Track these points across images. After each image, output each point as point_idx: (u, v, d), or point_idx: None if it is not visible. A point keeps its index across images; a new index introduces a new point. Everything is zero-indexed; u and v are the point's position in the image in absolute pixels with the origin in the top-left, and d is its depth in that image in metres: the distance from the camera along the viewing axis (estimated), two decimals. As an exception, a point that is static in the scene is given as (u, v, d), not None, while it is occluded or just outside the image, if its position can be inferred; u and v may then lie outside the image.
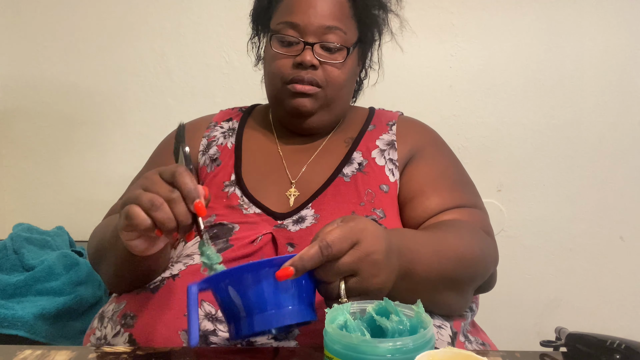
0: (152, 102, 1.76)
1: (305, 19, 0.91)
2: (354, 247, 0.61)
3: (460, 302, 0.82)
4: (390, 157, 0.95)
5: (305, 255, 0.59)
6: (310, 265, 0.59)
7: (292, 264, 0.59)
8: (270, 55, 0.96)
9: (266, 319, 0.59)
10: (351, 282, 0.61)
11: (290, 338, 0.73)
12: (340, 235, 0.60)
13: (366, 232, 0.62)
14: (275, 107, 1.00)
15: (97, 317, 0.82)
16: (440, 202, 0.89)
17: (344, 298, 0.60)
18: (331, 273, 0.60)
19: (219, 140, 1.01)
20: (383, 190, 0.91)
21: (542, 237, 1.72)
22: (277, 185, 0.94)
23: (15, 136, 1.81)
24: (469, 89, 1.70)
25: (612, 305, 1.72)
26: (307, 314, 0.61)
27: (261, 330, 0.60)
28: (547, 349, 0.73)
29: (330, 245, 0.59)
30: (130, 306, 0.78)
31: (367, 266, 0.61)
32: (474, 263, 0.80)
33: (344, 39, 0.94)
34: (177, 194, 0.63)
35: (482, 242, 0.84)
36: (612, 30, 1.65)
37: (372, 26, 1.00)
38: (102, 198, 1.51)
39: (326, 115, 0.97)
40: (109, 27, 1.75)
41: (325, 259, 0.59)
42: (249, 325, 0.60)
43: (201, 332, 0.73)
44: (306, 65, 0.91)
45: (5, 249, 1.27)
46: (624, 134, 1.68)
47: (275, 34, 0.94)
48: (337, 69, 0.93)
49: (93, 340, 0.79)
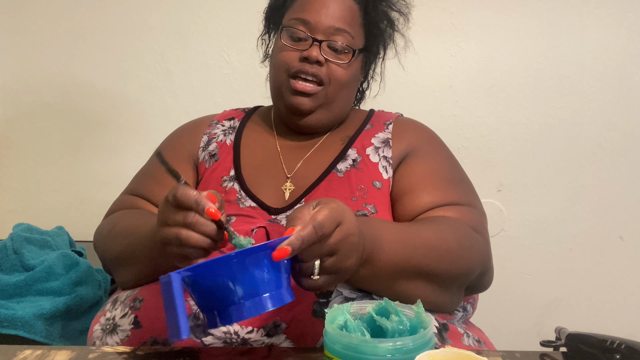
0: (152, 102, 1.76)
1: (316, 17, 0.95)
2: (337, 228, 0.63)
3: (441, 297, 0.81)
4: (385, 155, 0.96)
5: (301, 235, 0.60)
6: (306, 245, 0.60)
7: (289, 244, 0.59)
8: (278, 47, 0.99)
9: (258, 304, 0.59)
10: (328, 262, 0.63)
11: (280, 332, 0.75)
12: (329, 215, 0.62)
13: (346, 214, 0.64)
14: (276, 102, 1.02)
15: (110, 301, 0.85)
16: (430, 199, 0.90)
17: (316, 275, 0.62)
18: (315, 253, 0.62)
19: (218, 137, 1.03)
20: (376, 187, 0.92)
21: (542, 237, 1.72)
22: (274, 179, 0.96)
23: (15, 136, 1.81)
24: (469, 89, 1.70)
25: (612, 305, 1.72)
26: (289, 295, 0.62)
27: (249, 317, 0.59)
28: (547, 349, 0.73)
29: (323, 226, 0.61)
30: (142, 292, 0.81)
31: (346, 247, 0.63)
32: (449, 256, 0.79)
33: (351, 42, 0.97)
34: (192, 216, 0.65)
35: (464, 237, 0.83)
36: (612, 30, 1.66)
37: (378, 38, 1.03)
38: (102, 198, 1.50)
39: (325, 114, 0.99)
40: (109, 27, 1.75)
41: (319, 239, 0.61)
42: (237, 313, 0.59)
43: (200, 321, 0.75)
44: (312, 60, 0.94)
45: (5, 249, 1.27)
46: (624, 134, 1.68)
47: (286, 27, 0.97)
48: (342, 69, 0.96)
49: (102, 320, 0.81)
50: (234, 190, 0.93)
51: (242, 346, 0.75)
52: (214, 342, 0.75)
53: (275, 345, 0.75)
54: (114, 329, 0.78)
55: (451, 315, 0.86)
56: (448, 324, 0.81)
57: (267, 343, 0.75)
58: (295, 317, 0.75)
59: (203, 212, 0.65)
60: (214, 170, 0.98)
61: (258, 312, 0.59)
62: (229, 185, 0.94)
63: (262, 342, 0.75)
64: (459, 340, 0.80)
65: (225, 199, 0.92)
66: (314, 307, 0.75)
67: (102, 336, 0.79)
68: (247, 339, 0.75)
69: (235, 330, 0.75)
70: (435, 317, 0.79)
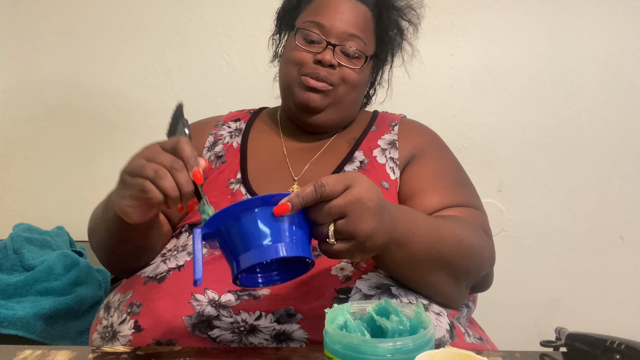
0: (152, 102, 1.76)
1: (331, 22, 0.96)
2: (346, 190, 0.63)
3: (455, 291, 0.82)
4: (391, 156, 0.97)
5: (301, 192, 0.62)
6: (305, 202, 0.62)
7: (288, 200, 0.61)
8: (291, 46, 1.00)
9: (264, 251, 0.60)
10: (339, 223, 0.63)
11: (294, 322, 0.74)
12: (335, 178, 0.63)
13: (361, 180, 0.64)
14: (285, 99, 1.03)
15: (102, 308, 0.84)
16: (439, 200, 0.90)
17: (331, 239, 0.63)
18: (323, 214, 0.62)
19: (225, 139, 1.04)
20: (384, 187, 0.93)
21: (542, 237, 1.72)
22: (281, 182, 0.96)
23: (15, 136, 1.81)
24: (469, 89, 1.70)
25: (612, 305, 1.72)
26: (302, 250, 0.63)
27: (259, 262, 0.61)
28: (547, 349, 0.73)
29: (324, 185, 0.62)
30: (137, 296, 0.81)
31: (357, 209, 0.63)
32: (470, 253, 0.81)
33: (363, 48, 0.98)
34: (180, 163, 0.66)
35: (479, 237, 0.85)
36: (612, 30, 1.65)
37: (388, 45, 1.05)
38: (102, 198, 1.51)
39: (333, 114, 1.00)
40: (109, 27, 1.76)
41: (319, 197, 0.62)
42: (248, 258, 0.61)
43: (205, 317, 0.75)
44: (325, 63, 0.95)
45: (5, 249, 1.27)
46: (624, 134, 1.68)
47: (301, 29, 0.98)
48: (354, 73, 0.98)
49: (100, 329, 0.80)
50: (240, 192, 0.94)
51: (243, 347, 0.74)
52: (221, 334, 0.74)
53: (288, 333, 0.74)
54: (114, 336, 0.77)
55: (458, 311, 0.87)
56: (454, 323, 0.81)
57: (278, 330, 0.74)
58: (313, 310, 0.75)
59: (190, 169, 0.66)
60: (221, 172, 0.98)
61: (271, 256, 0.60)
62: (235, 188, 0.95)
63: (273, 328, 0.74)
64: (462, 338, 0.80)
65: (231, 200, 0.93)
66: (333, 303, 0.75)
67: (102, 344, 0.78)
68: (256, 326, 0.75)
69: (243, 318, 0.75)
70: (447, 314, 0.80)
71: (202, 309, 0.76)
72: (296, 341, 0.74)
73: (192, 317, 0.75)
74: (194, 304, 0.77)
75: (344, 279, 0.79)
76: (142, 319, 0.77)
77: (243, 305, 0.76)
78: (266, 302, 0.76)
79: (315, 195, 0.62)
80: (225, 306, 0.76)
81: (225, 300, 0.77)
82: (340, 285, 0.78)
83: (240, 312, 0.75)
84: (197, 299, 0.77)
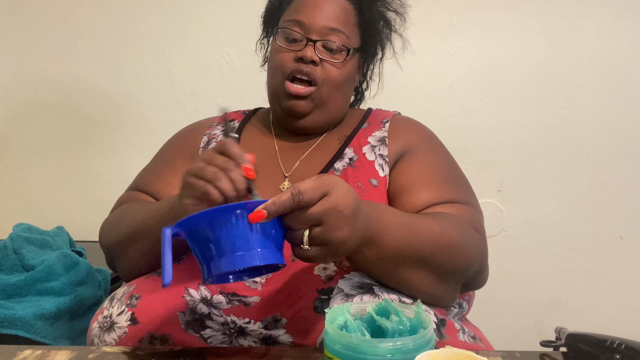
0: (152, 102, 1.76)
1: (310, 19, 0.96)
2: (323, 198, 0.63)
3: (439, 290, 0.81)
4: (381, 153, 0.97)
5: (278, 200, 0.62)
6: (282, 210, 0.62)
7: (264, 207, 0.61)
8: (274, 49, 1.00)
9: (236, 259, 0.61)
10: (315, 231, 0.63)
11: (280, 326, 0.76)
12: (313, 185, 0.63)
13: (337, 187, 0.64)
14: (273, 105, 1.03)
15: (108, 298, 0.85)
16: (428, 197, 0.90)
17: (305, 245, 0.63)
18: (299, 220, 0.63)
19: (218, 137, 1.04)
20: (372, 184, 0.93)
21: (542, 237, 1.72)
22: (271, 178, 0.96)
23: (15, 136, 1.81)
24: (469, 89, 1.70)
25: (612, 305, 1.72)
26: (274, 257, 0.63)
27: (230, 270, 0.62)
28: (547, 349, 0.73)
29: (302, 193, 0.62)
30: (138, 288, 0.82)
31: (333, 218, 0.63)
32: (451, 249, 0.79)
33: (346, 42, 0.97)
34: (231, 163, 0.71)
35: (465, 233, 0.83)
36: (611, 30, 1.66)
37: (375, 38, 1.04)
38: (102, 198, 1.51)
39: (321, 115, 1.00)
40: (109, 27, 1.76)
41: (297, 205, 0.62)
42: (220, 265, 0.61)
43: (197, 315, 0.76)
44: (306, 60, 0.94)
45: (5, 249, 1.26)
46: (624, 134, 1.68)
47: (282, 29, 0.98)
48: (336, 69, 0.97)
49: (100, 318, 0.82)
50: None
51: (241, 346, 0.75)
52: (212, 335, 0.76)
53: (274, 337, 0.75)
54: (111, 327, 0.79)
55: (447, 310, 0.86)
56: (446, 319, 0.81)
57: (266, 334, 0.75)
58: (296, 313, 0.76)
59: (239, 167, 0.71)
60: None
61: (244, 265, 0.61)
62: None
63: (260, 332, 0.75)
64: (455, 335, 0.80)
65: None
66: (315, 303, 0.75)
67: (100, 334, 0.79)
68: (245, 328, 0.76)
69: (233, 320, 0.76)
70: (434, 312, 0.80)
71: (194, 304, 0.77)
72: (282, 345, 0.75)
73: (185, 313, 0.77)
74: (187, 298, 0.78)
75: (326, 278, 0.79)
76: (139, 311, 0.78)
77: (233, 309, 0.77)
78: (255, 310, 0.77)
79: (293, 203, 0.61)
80: (217, 306, 0.78)
81: (217, 301, 0.78)
82: (322, 286, 0.78)
83: (231, 314, 0.77)
84: (190, 294, 0.78)
